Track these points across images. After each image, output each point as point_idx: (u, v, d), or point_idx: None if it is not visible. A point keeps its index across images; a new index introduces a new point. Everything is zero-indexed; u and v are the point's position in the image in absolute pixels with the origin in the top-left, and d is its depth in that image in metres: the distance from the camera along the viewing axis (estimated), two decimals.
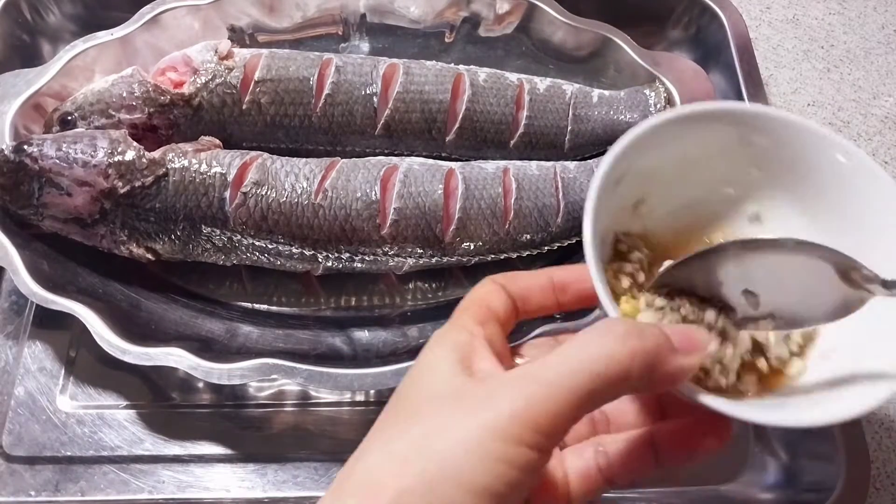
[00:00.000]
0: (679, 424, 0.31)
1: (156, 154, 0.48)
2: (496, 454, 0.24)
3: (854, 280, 0.29)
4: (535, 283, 0.32)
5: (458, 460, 0.24)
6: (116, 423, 0.49)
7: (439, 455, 0.24)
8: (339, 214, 0.48)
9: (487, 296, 0.31)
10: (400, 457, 0.25)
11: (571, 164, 0.54)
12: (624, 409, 0.33)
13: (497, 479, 0.24)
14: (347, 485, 0.25)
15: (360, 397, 0.50)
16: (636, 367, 0.25)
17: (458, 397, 0.26)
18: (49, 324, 0.52)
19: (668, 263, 0.33)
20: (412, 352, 0.47)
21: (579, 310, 0.34)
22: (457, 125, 0.54)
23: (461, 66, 0.55)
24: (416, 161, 0.52)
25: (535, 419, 0.24)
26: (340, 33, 0.62)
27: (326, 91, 0.52)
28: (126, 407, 0.50)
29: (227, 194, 0.48)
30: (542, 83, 0.56)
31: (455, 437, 0.25)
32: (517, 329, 0.35)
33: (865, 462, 0.45)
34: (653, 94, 0.56)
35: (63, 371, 0.51)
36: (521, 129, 0.54)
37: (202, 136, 0.51)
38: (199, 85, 0.51)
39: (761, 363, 0.32)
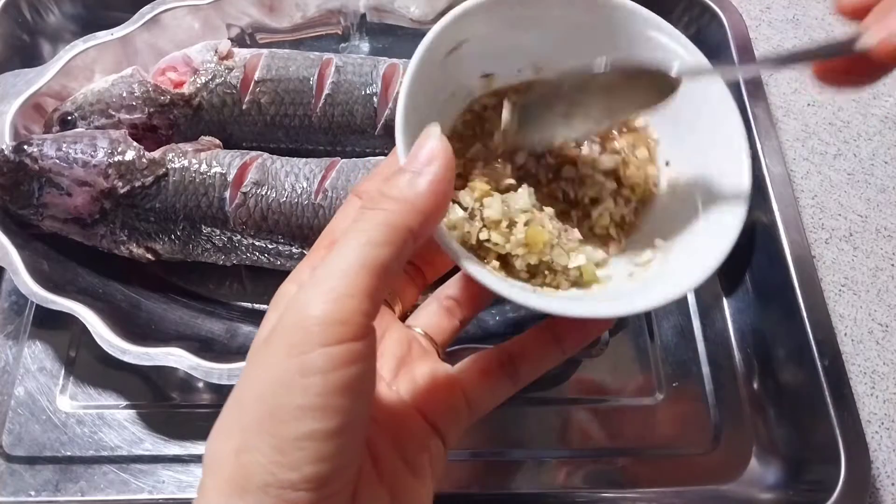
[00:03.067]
0: None
1: (156, 154, 0.48)
2: (294, 369, 0.23)
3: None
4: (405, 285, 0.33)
5: (268, 393, 0.24)
6: (116, 423, 0.49)
7: (255, 402, 0.24)
8: None
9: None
10: (229, 422, 0.25)
11: None
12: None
13: (305, 394, 0.23)
14: (203, 468, 0.25)
15: None
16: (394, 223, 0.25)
17: (269, 338, 0.25)
18: (49, 324, 0.52)
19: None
20: None
21: None
22: None
23: None
24: None
25: (325, 315, 0.23)
26: (340, 33, 0.62)
27: (326, 91, 0.52)
28: (126, 407, 0.50)
29: (227, 194, 0.48)
30: None
31: (261, 374, 0.24)
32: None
33: (865, 462, 0.45)
34: None
35: (63, 371, 0.51)
36: None
37: (202, 136, 0.51)
38: (199, 85, 0.51)
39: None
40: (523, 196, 0.33)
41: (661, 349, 0.53)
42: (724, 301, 0.56)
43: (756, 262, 0.54)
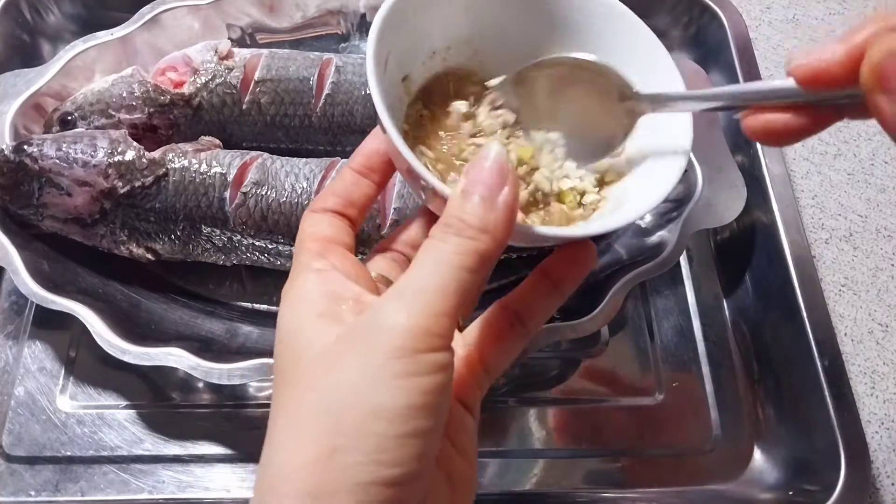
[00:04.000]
0: (560, 253, 0.33)
1: (156, 154, 0.48)
2: (399, 372, 0.24)
3: (627, 97, 0.32)
4: (356, 190, 0.33)
5: (367, 394, 0.24)
6: (116, 423, 0.49)
7: (345, 400, 0.24)
8: None
9: (313, 227, 0.32)
10: (308, 426, 0.25)
11: None
12: None
13: (410, 394, 0.24)
14: (267, 477, 0.25)
15: None
16: (486, 248, 0.26)
17: (340, 346, 0.26)
18: (49, 324, 0.52)
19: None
20: None
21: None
22: None
23: None
24: None
25: (422, 326, 0.25)
26: (340, 33, 0.62)
27: (326, 91, 0.52)
28: (126, 407, 0.50)
29: (227, 194, 0.48)
30: None
31: (353, 377, 0.25)
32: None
33: (865, 462, 0.45)
34: None
35: (63, 371, 0.51)
36: None
37: (202, 136, 0.51)
38: (199, 85, 0.51)
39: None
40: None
41: (661, 349, 0.53)
42: (724, 301, 0.56)
43: (756, 262, 0.54)
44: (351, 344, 0.26)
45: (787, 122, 0.27)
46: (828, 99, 0.26)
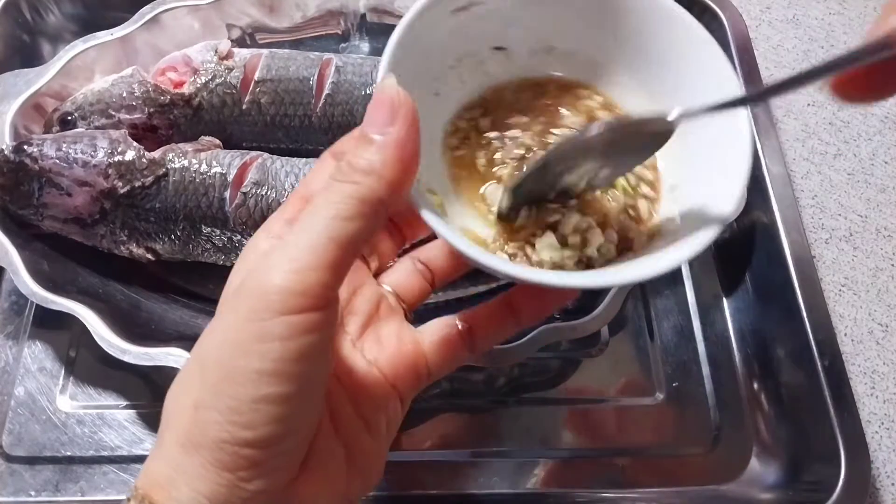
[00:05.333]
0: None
1: (156, 154, 0.48)
2: (253, 335, 0.24)
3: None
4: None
5: (225, 356, 0.24)
6: (116, 423, 0.49)
7: (209, 359, 0.25)
8: None
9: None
10: (190, 377, 0.26)
11: None
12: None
13: (262, 360, 0.24)
14: (162, 419, 0.26)
15: None
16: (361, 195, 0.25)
17: (223, 304, 0.26)
18: (49, 324, 0.52)
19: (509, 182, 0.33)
20: None
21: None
22: None
23: None
24: None
25: (282, 285, 0.24)
26: (340, 33, 0.62)
27: (326, 91, 0.52)
28: (126, 407, 0.50)
29: (227, 194, 0.48)
30: None
31: (219, 337, 0.25)
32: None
33: (865, 462, 0.45)
34: None
35: (63, 371, 0.51)
36: None
37: (202, 136, 0.51)
38: (199, 85, 0.51)
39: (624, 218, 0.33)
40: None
41: (661, 349, 0.53)
42: (724, 301, 0.56)
43: (756, 262, 0.54)
44: (229, 303, 0.26)
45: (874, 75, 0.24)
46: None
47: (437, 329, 0.33)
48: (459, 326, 0.33)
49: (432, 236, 0.37)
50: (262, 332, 0.24)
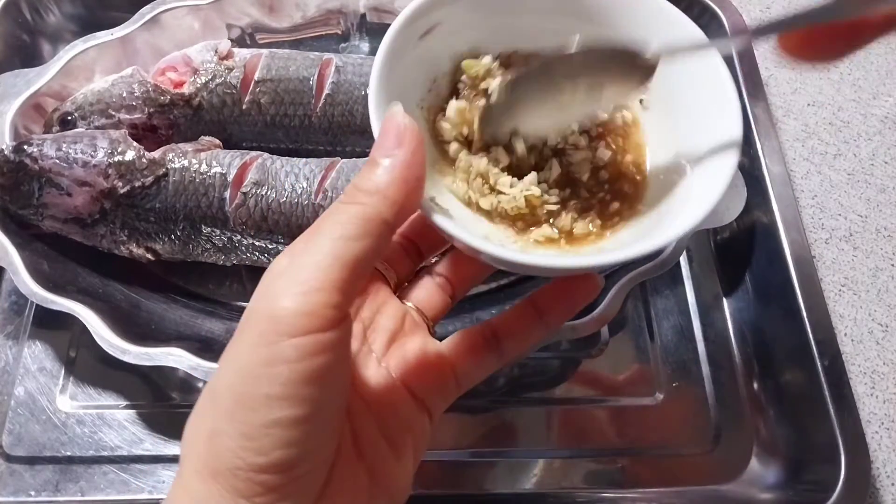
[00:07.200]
0: (554, 284, 0.33)
1: (156, 154, 0.48)
2: (262, 360, 0.24)
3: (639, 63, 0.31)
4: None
5: (236, 381, 0.25)
6: (116, 423, 0.49)
7: (222, 385, 0.25)
8: None
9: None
10: (204, 407, 0.26)
11: None
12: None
13: (271, 384, 0.24)
14: (184, 445, 0.27)
15: None
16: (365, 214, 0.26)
17: (237, 330, 0.26)
18: (49, 324, 0.52)
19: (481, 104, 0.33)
20: None
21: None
22: None
23: None
24: None
25: (290, 307, 0.24)
26: (340, 33, 0.62)
27: (326, 91, 0.52)
28: (126, 407, 0.50)
29: (227, 194, 0.48)
30: None
31: (231, 364, 0.25)
32: None
33: (865, 462, 0.45)
34: None
35: (63, 371, 0.51)
36: None
37: (202, 136, 0.51)
38: (199, 85, 0.51)
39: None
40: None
41: (661, 349, 0.53)
42: (724, 301, 0.56)
43: (756, 262, 0.54)
44: (240, 328, 0.26)
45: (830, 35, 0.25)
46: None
47: (462, 339, 0.33)
48: (483, 334, 0.33)
49: (448, 251, 0.37)
50: (270, 357, 0.24)
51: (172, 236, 0.48)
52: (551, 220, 0.33)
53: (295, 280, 0.24)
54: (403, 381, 0.31)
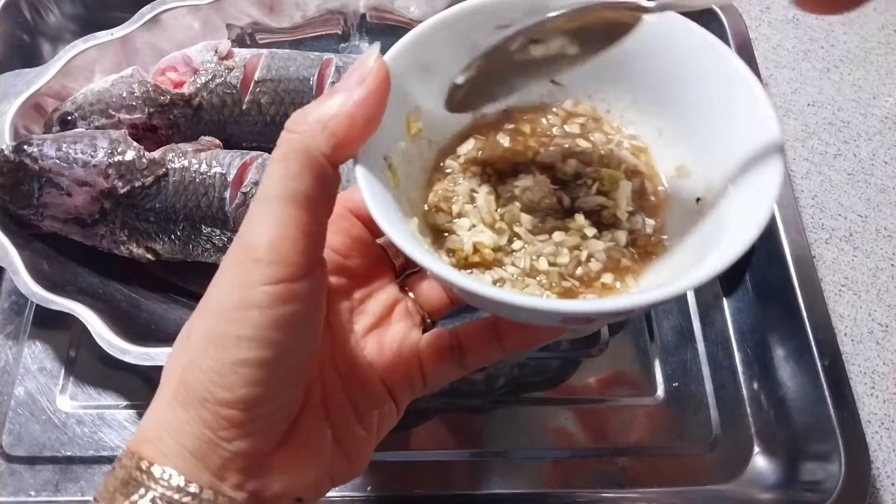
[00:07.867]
0: None
1: (156, 154, 0.48)
2: (235, 303, 0.25)
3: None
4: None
5: (211, 320, 0.26)
6: (116, 423, 0.49)
7: (202, 327, 0.26)
8: None
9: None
10: (183, 343, 0.28)
11: None
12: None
13: (241, 326, 0.25)
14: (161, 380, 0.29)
15: None
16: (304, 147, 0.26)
17: (219, 270, 0.27)
18: (49, 324, 0.52)
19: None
20: None
21: None
22: None
23: None
24: None
25: (258, 256, 0.25)
26: (340, 33, 0.62)
27: (326, 91, 0.52)
28: (126, 407, 0.50)
29: (227, 194, 0.48)
30: None
31: (209, 302, 0.27)
32: None
33: (865, 462, 0.45)
34: None
35: (63, 371, 0.51)
36: None
37: (202, 136, 0.51)
38: (199, 85, 0.51)
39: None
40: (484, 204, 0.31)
41: (661, 349, 0.53)
42: (724, 301, 0.56)
43: (756, 262, 0.54)
44: (220, 271, 0.27)
45: None
46: None
47: (433, 341, 0.33)
48: (450, 342, 0.33)
49: None
50: (243, 301, 0.25)
51: (172, 236, 0.48)
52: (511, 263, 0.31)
53: (262, 228, 0.25)
54: (375, 366, 0.32)
